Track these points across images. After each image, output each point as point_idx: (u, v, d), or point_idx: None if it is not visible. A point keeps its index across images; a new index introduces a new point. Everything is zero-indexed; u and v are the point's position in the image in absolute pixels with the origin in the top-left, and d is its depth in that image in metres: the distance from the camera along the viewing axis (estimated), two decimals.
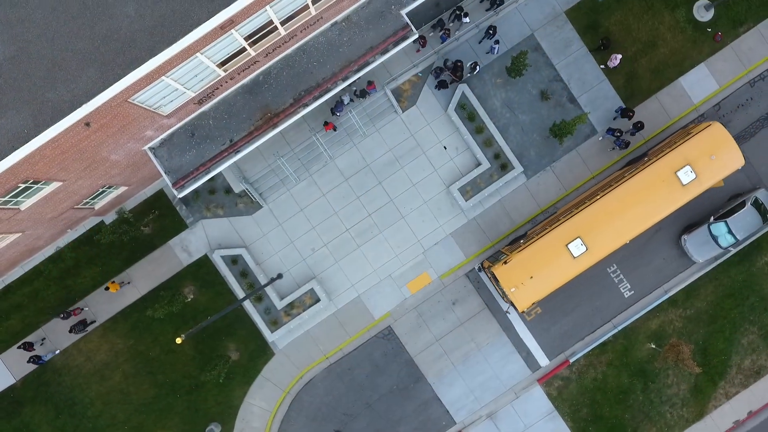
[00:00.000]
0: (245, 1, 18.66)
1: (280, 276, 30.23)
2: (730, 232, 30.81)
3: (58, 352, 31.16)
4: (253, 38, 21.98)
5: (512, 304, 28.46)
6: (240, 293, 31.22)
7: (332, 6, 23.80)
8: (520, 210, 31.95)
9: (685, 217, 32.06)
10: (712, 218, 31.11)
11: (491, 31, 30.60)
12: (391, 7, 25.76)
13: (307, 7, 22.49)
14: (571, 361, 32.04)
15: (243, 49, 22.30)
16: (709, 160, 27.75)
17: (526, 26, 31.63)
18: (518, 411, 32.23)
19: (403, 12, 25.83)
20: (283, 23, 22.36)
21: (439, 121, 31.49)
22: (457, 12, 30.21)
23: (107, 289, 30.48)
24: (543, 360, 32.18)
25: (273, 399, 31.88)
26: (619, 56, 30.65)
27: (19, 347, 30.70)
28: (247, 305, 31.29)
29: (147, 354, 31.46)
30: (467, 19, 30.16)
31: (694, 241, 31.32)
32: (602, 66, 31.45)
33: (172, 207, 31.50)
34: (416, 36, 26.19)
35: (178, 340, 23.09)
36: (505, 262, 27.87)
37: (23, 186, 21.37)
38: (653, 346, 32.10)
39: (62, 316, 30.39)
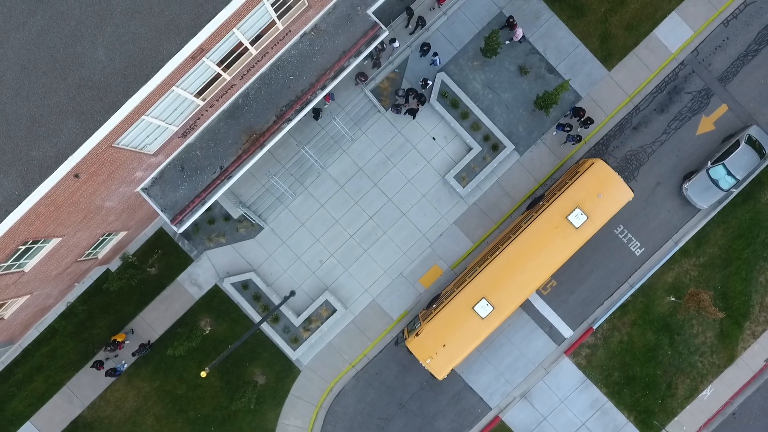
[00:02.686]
0: (211, 27, 18.63)
1: (292, 293, 30.18)
2: (729, 173, 30.76)
3: (125, 364, 30.96)
4: (226, 62, 21.93)
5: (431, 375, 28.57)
6: (256, 317, 31.18)
7: (299, 17, 23.76)
8: (519, 187, 31.90)
9: (682, 167, 32.02)
10: (709, 163, 31.06)
11: (426, 48, 30.69)
12: (357, 9, 25.70)
13: (273, 23, 22.45)
14: (595, 327, 31.97)
15: (218, 75, 22.25)
16: (596, 198, 27.75)
17: (494, 4, 31.58)
18: (551, 386, 32.16)
19: (370, 11, 25.78)
20: (252, 43, 22.31)
21: (423, 113, 31.41)
22: (378, 47, 30.17)
23: (114, 341, 30.41)
24: (566, 331, 32.12)
25: (307, 416, 31.81)
26: (520, 30, 30.60)
27: (91, 367, 30.60)
28: (266, 327, 31.24)
29: (174, 393, 31.40)
30: (397, 44, 30.44)
31: (696, 189, 31.25)
32: (507, 41, 31.38)
33: (174, 243, 31.45)
34: (386, 33, 26.16)
35: (203, 374, 23.01)
36: (417, 334, 27.92)
37: (24, 247, 21.33)
38: (673, 299, 32.04)
39: (109, 348, 30.29)
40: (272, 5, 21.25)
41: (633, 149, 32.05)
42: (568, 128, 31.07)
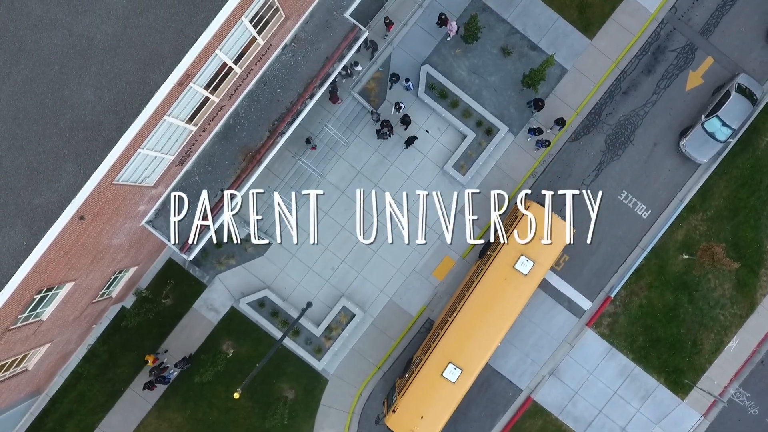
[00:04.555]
0: (194, 52, 18.69)
1: (309, 304, 30.19)
2: (724, 124, 30.74)
3: (175, 373, 30.85)
4: (213, 85, 22.00)
5: None
6: (277, 333, 31.16)
7: (278, 30, 23.80)
8: (518, 168, 31.91)
9: (677, 124, 32.03)
10: (703, 117, 31.06)
11: (395, 78, 30.74)
12: (334, 14, 25.77)
13: (254, 39, 22.50)
14: (613, 295, 31.99)
15: (206, 99, 22.32)
16: (539, 242, 27.31)
17: None
18: (578, 359, 32.17)
19: (347, 14, 25.84)
20: (236, 61, 22.38)
21: (413, 107, 31.42)
22: (342, 73, 30.08)
23: (147, 362, 30.66)
24: (585, 303, 32.12)
25: (341, 424, 31.83)
26: (454, 23, 30.38)
27: (143, 389, 30.57)
28: (288, 342, 31.24)
29: (207, 419, 31.39)
30: (359, 67, 30.39)
31: (693, 144, 31.25)
32: (448, 39, 31.35)
33: (185, 272, 31.47)
34: (366, 34, 26.23)
35: (236, 396, 23.05)
36: (394, 411, 27.91)
37: (39, 296, 21.36)
38: (686, 256, 32.04)
39: (153, 372, 30.40)
40: (251, 22, 21.30)
41: (626, 114, 32.06)
42: (538, 132, 31.08)
